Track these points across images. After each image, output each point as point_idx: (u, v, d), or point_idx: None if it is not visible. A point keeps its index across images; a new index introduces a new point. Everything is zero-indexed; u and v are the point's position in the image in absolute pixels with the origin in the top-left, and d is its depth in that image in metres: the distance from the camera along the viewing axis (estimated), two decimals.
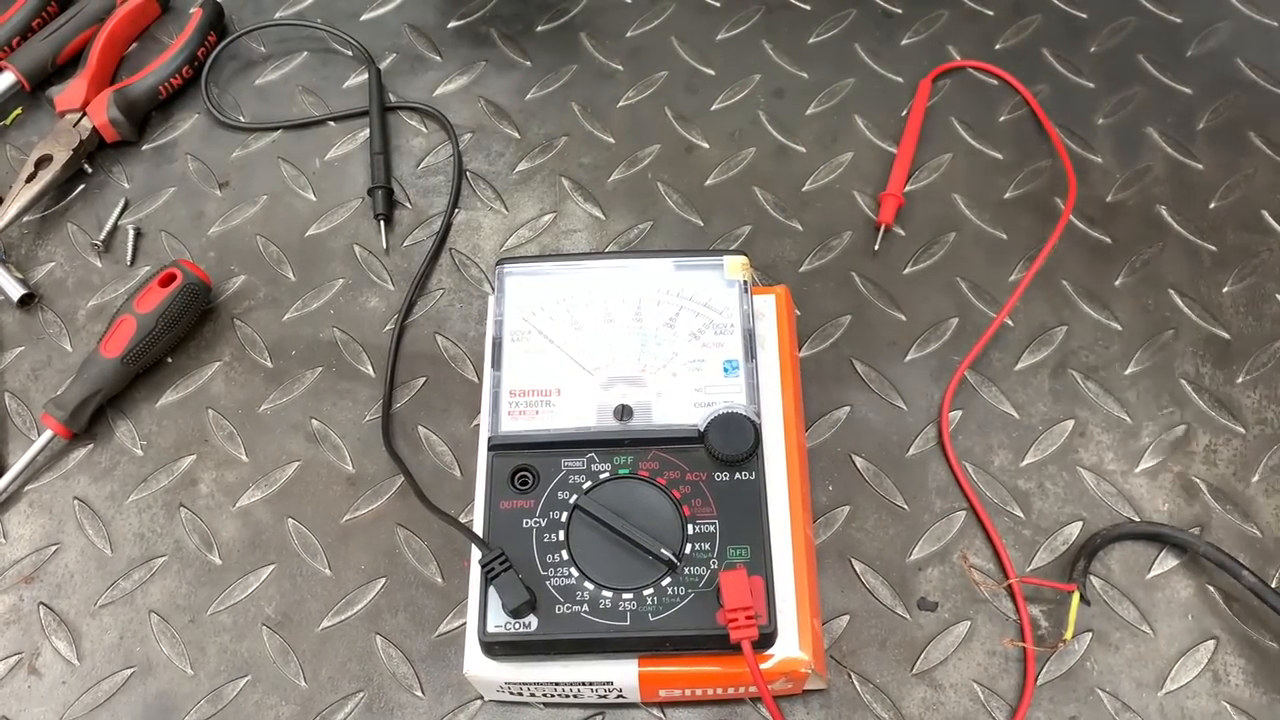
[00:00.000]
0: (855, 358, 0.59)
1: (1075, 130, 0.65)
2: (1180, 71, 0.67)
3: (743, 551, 0.47)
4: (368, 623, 0.54)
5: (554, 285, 0.53)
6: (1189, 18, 0.69)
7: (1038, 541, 0.54)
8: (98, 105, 0.66)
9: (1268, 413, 0.57)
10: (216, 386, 0.60)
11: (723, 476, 0.48)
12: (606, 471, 0.48)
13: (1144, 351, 0.59)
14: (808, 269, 0.62)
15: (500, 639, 0.45)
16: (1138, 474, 0.56)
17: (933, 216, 0.63)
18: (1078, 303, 0.60)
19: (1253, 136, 0.65)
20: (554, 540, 0.47)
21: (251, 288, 0.63)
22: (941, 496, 0.56)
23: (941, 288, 0.61)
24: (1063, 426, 0.57)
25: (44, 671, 0.53)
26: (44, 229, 0.66)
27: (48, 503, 0.58)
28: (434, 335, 0.61)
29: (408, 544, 0.55)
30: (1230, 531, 0.54)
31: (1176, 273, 0.61)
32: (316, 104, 0.69)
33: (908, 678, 0.52)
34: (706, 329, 0.52)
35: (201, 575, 0.55)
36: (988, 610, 0.53)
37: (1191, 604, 0.53)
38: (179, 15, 0.73)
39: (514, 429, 0.49)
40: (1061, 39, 0.68)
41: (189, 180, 0.67)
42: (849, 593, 0.53)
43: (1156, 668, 0.51)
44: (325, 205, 0.65)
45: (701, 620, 0.45)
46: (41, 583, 0.56)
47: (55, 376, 0.61)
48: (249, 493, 0.57)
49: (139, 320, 0.58)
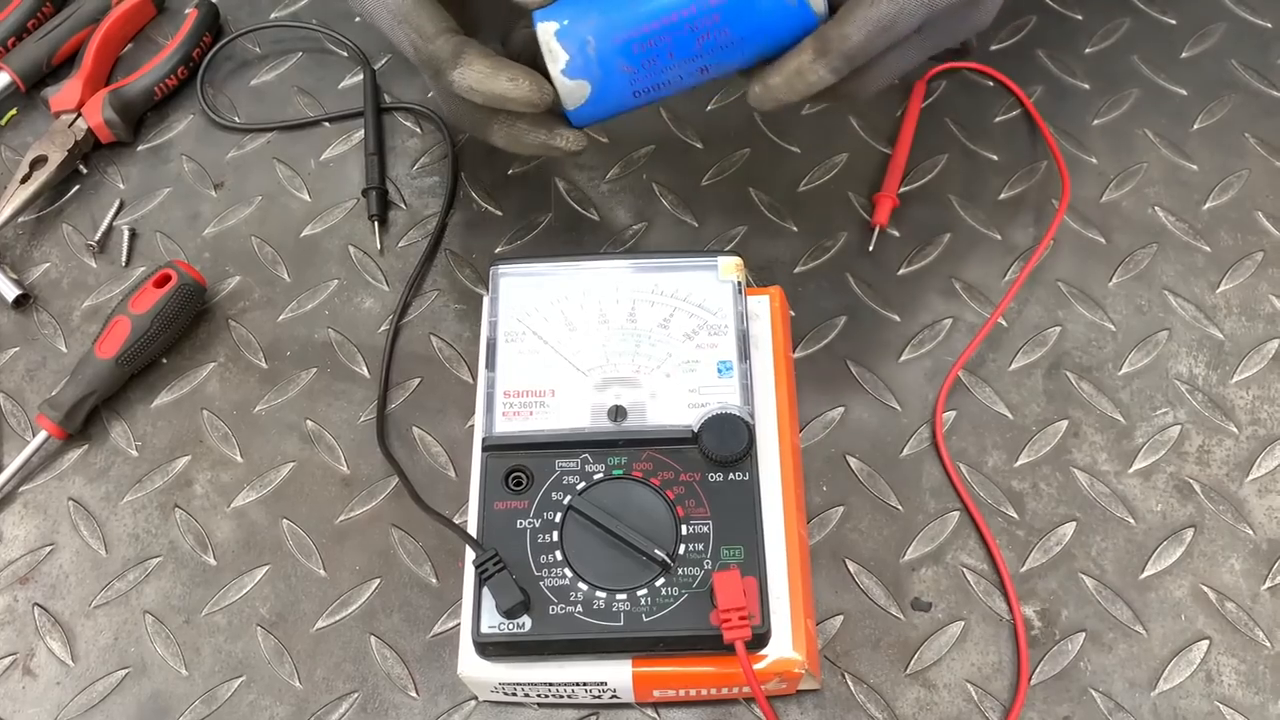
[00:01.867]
0: (850, 358, 0.59)
1: (1069, 131, 0.65)
2: (1174, 73, 0.67)
3: (736, 552, 0.47)
4: (362, 623, 0.54)
5: (548, 286, 0.53)
6: (1183, 19, 0.69)
7: (1031, 542, 0.54)
8: (93, 106, 0.66)
9: (1261, 413, 0.57)
10: (211, 387, 0.60)
11: (716, 477, 0.48)
12: (600, 472, 0.48)
13: (1137, 352, 0.59)
14: (802, 270, 0.62)
15: (494, 640, 0.46)
16: (1131, 474, 0.56)
17: (927, 217, 0.63)
18: (1072, 303, 0.60)
19: (1247, 137, 0.65)
20: (548, 541, 0.47)
21: (246, 288, 0.63)
22: (935, 497, 0.56)
23: (936, 288, 0.61)
24: (1056, 427, 0.57)
25: (38, 672, 0.54)
26: (39, 230, 0.66)
27: (42, 503, 0.58)
28: (429, 336, 0.61)
29: (402, 545, 0.55)
30: (1223, 532, 0.54)
31: (1170, 273, 0.61)
32: (312, 105, 0.69)
33: (901, 678, 0.52)
34: (700, 330, 0.52)
35: (196, 576, 0.55)
36: (981, 611, 0.53)
37: (1184, 604, 0.53)
38: (174, 16, 0.73)
39: (508, 430, 0.49)
40: (1056, 40, 0.69)
41: (184, 181, 0.67)
42: (843, 593, 0.54)
43: (1150, 668, 0.51)
44: (320, 206, 0.65)
45: (695, 621, 0.45)
46: (36, 583, 0.56)
47: (50, 377, 0.61)
48: (244, 493, 0.57)
49: (134, 321, 0.58)
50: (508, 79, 0.49)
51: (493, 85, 0.50)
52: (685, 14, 0.48)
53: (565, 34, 0.49)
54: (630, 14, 0.49)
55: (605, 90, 0.50)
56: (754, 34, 0.49)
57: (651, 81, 0.50)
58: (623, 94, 0.51)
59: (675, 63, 0.50)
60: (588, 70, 0.49)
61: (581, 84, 0.50)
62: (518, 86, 0.49)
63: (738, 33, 0.49)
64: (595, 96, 0.50)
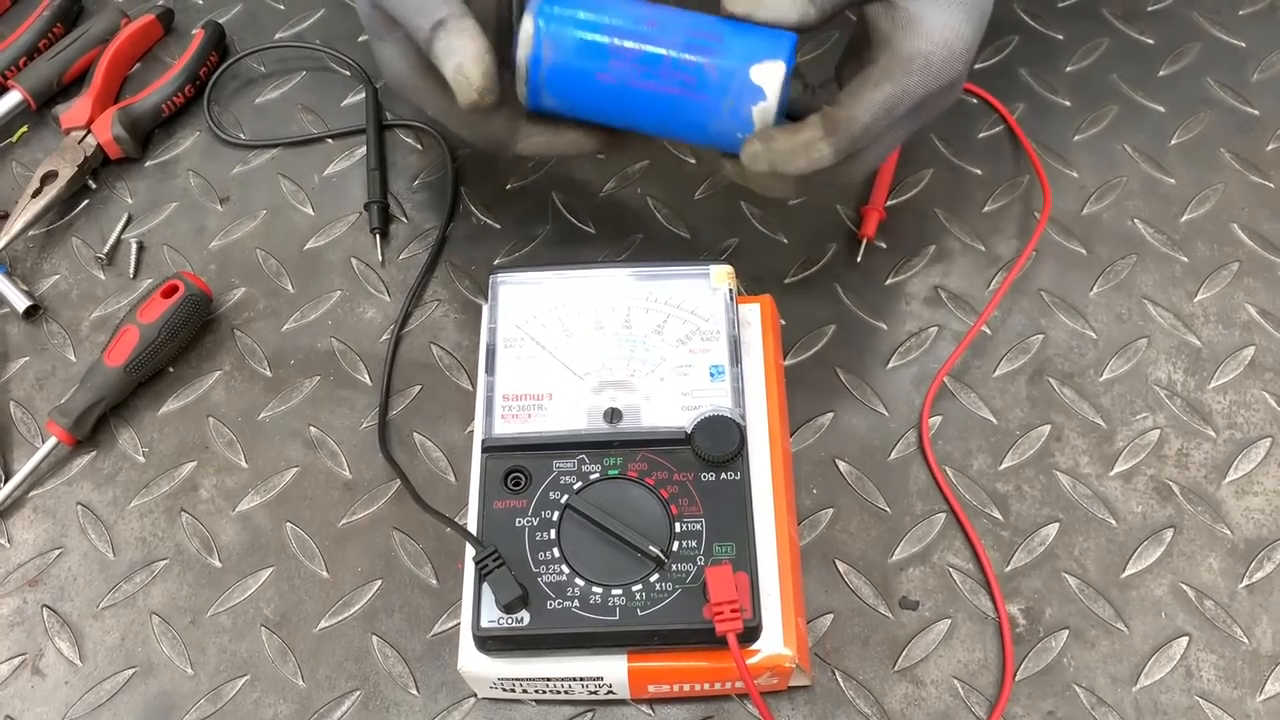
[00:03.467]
0: (839, 366, 0.61)
1: (1051, 146, 0.67)
2: (1152, 90, 0.69)
3: (728, 548, 0.48)
4: (364, 623, 0.55)
5: (546, 294, 0.55)
6: (1160, 39, 0.71)
7: (1015, 542, 0.56)
8: (102, 123, 0.68)
9: (1238, 417, 0.59)
10: (217, 395, 0.62)
11: (709, 477, 0.50)
12: (596, 472, 0.50)
13: (1118, 359, 0.61)
14: (793, 280, 0.63)
15: (494, 633, 0.47)
16: (1112, 477, 0.57)
17: (913, 230, 0.65)
18: (1054, 312, 0.62)
19: (1223, 152, 0.67)
20: (546, 538, 0.48)
21: (251, 299, 0.64)
22: (922, 499, 0.57)
23: (922, 298, 0.63)
24: (1039, 431, 0.59)
25: (47, 672, 0.55)
26: (49, 243, 0.67)
27: (52, 508, 0.59)
28: (429, 345, 0.62)
29: (403, 547, 0.57)
30: (1202, 532, 0.56)
31: (1149, 283, 0.63)
32: (315, 122, 0.71)
33: (890, 674, 0.53)
34: (693, 335, 0.53)
35: (202, 578, 0.57)
36: (967, 609, 0.54)
37: (1164, 602, 0.54)
38: (181, 36, 0.75)
39: (507, 431, 0.51)
40: (1038, 59, 0.71)
41: (190, 195, 0.68)
42: (833, 592, 0.55)
43: (1131, 664, 0.53)
44: (323, 220, 0.67)
45: (688, 615, 0.47)
46: (45, 585, 0.57)
47: (59, 385, 0.62)
48: (248, 498, 0.59)
49: (142, 330, 0.60)
50: (469, 57, 0.50)
51: (455, 58, 0.50)
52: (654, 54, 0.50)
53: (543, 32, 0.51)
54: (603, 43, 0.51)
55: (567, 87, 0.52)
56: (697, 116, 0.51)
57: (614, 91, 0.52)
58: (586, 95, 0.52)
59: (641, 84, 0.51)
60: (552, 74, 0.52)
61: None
62: (459, 72, 0.50)
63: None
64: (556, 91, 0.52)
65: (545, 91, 0.52)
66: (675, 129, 0.53)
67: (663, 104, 0.51)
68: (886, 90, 0.49)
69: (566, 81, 0.52)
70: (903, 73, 0.49)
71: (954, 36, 0.49)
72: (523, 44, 0.51)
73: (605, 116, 0.53)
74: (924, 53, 0.49)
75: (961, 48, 0.50)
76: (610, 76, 0.51)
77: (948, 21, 0.49)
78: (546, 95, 0.52)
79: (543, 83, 0.52)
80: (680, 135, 0.53)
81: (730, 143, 0.52)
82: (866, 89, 0.49)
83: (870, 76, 0.49)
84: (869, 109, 0.49)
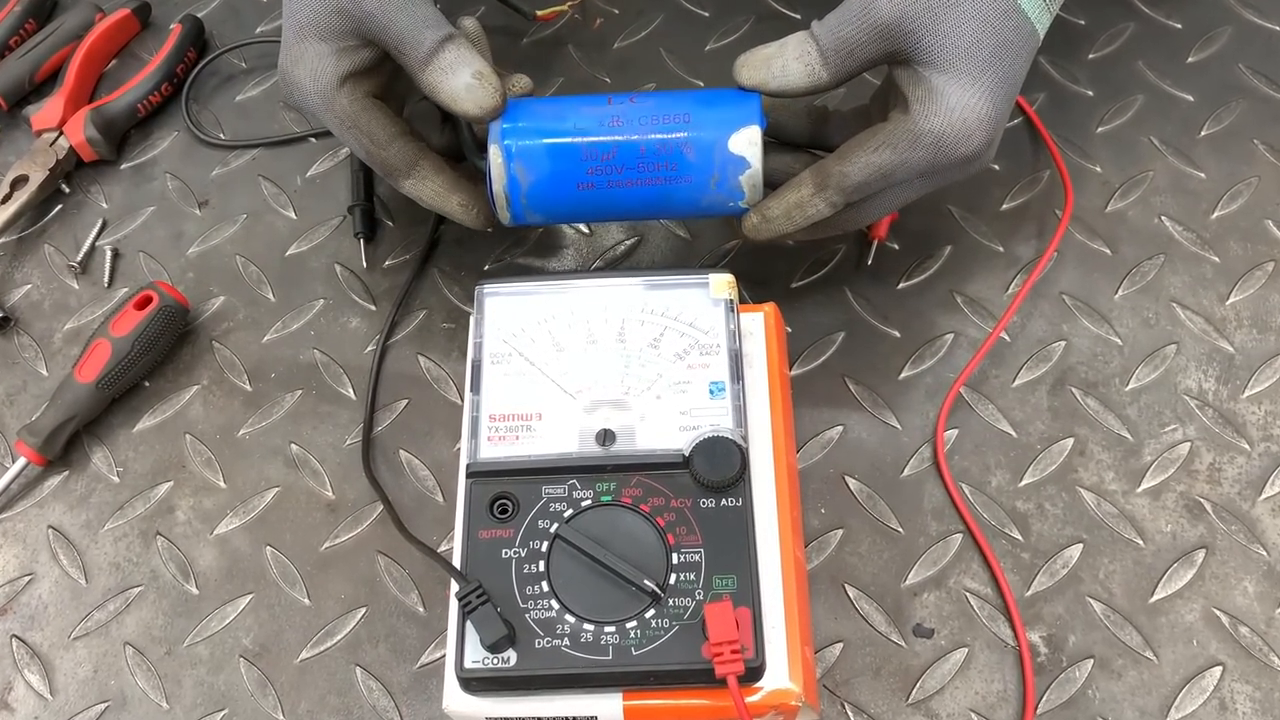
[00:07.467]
0: (848, 376, 0.58)
1: (1073, 139, 0.64)
2: (1180, 78, 0.66)
3: (729, 581, 0.45)
4: (347, 654, 0.53)
5: (535, 306, 0.52)
6: (1189, 23, 0.67)
7: (1036, 565, 0.53)
8: (75, 124, 0.65)
9: (1274, 429, 0.55)
10: (194, 411, 0.59)
11: (708, 503, 0.47)
12: (588, 499, 0.47)
13: (1145, 366, 0.57)
14: (799, 285, 0.60)
15: (478, 675, 0.44)
16: (1140, 494, 0.54)
17: (927, 230, 0.62)
18: (1076, 316, 0.59)
19: (1256, 144, 0.63)
20: (534, 571, 0.46)
21: (231, 309, 0.62)
22: (937, 519, 0.54)
23: (936, 302, 0.60)
24: (1062, 445, 0.55)
25: (16, 706, 0.52)
26: (20, 251, 0.64)
27: (21, 532, 0.56)
28: (416, 356, 0.60)
29: (388, 572, 0.54)
30: (1236, 553, 0.52)
31: (1178, 285, 0.59)
32: (297, 120, 0.68)
33: (903, 707, 0.50)
34: (692, 350, 0.50)
35: (178, 605, 0.54)
36: (985, 637, 0.51)
37: (1196, 629, 0.51)
38: (158, 31, 0.72)
39: (493, 455, 0.48)
40: (1058, 46, 0.67)
41: (168, 199, 0.65)
42: (842, 619, 0.52)
43: (1161, 695, 0.50)
44: (306, 224, 0.64)
45: (687, 654, 0.44)
46: (14, 614, 0.54)
47: (30, 402, 0.60)
48: (227, 520, 0.56)
49: (114, 344, 0.57)
50: (458, 203, 0.54)
51: (444, 204, 0.54)
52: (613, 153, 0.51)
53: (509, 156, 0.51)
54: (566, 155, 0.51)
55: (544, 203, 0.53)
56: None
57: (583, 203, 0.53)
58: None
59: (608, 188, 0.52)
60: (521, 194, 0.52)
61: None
62: (466, 212, 0.54)
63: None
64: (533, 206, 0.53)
65: (531, 212, 0.53)
66: (669, 212, 0.54)
67: (650, 194, 0.52)
68: (886, 156, 0.49)
69: (550, 198, 0.52)
70: (908, 146, 0.49)
71: (973, 117, 0.48)
72: (496, 177, 0.52)
73: (597, 218, 0.55)
74: (936, 131, 0.48)
75: (980, 128, 0.49)
76: (591, 184, 0.52)
77: (969, 101, 0.48)
78: (532, 214, 0.53)
79: (526, 206, 0.53)
80: (676, 216, 0.55)
81: (729, 210, 0.53)
82: (865, 151, 0.49)
83: (874, 137, 0.49)
84: (862, 170, 0.49)
